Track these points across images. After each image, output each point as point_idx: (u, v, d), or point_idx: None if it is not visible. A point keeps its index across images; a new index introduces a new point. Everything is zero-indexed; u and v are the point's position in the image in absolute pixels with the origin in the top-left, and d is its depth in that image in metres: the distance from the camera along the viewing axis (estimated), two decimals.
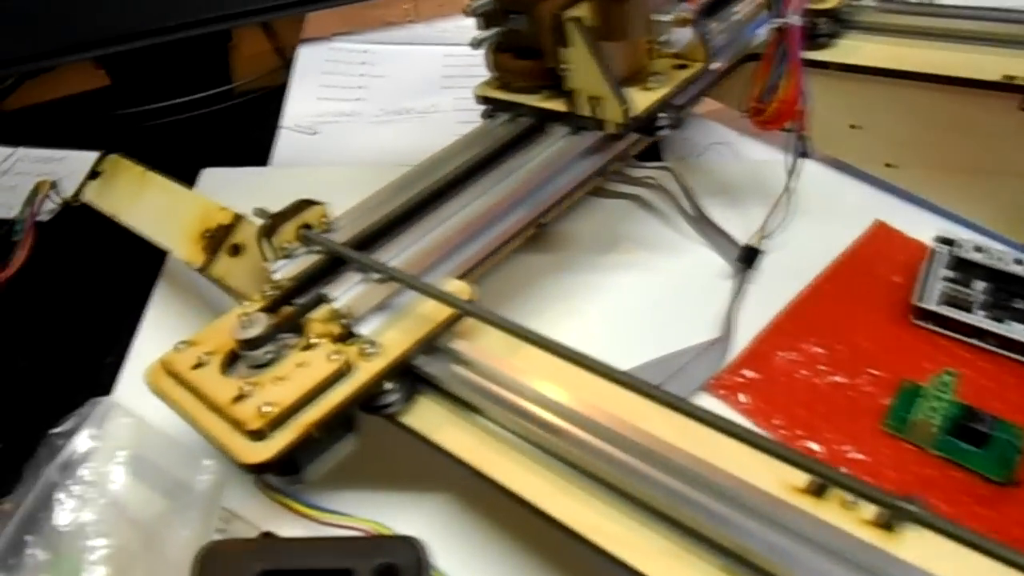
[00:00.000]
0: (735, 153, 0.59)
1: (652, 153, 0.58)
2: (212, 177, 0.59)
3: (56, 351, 0.49)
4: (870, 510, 0.25)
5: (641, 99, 0.40)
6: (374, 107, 0.66)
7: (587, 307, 0.47)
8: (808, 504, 0.26)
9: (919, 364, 0.42)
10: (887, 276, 0.47)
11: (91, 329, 0.50)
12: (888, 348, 0.43)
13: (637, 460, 0.28)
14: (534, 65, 0.42)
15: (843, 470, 0.25)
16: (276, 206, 0.38)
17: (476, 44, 0.42)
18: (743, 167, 0.57)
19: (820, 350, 0.43)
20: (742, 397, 0.41)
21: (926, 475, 0.37)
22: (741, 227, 0.50)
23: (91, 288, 0.53)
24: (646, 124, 0.41)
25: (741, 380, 0.42)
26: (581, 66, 0.38)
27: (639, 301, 0.47)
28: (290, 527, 0.35)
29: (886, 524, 0.25)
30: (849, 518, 0.25)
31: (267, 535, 0.34)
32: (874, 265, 0.48)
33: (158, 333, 0.48)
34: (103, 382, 0.44)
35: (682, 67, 0.42)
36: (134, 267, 0.52)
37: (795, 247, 0.49)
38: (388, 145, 0.62)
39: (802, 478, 0.27)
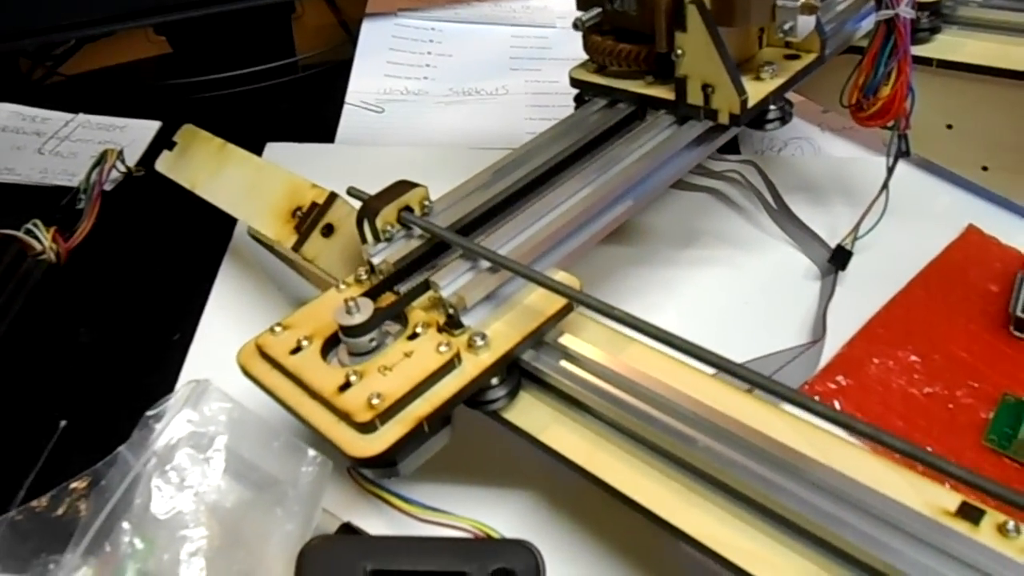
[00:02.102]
0: (816, 149, 0.57)
1: (730, 147, 0.56)
2: (277, 152, 0.58)
3: (121, 326, 0.48)
4: None
5: (755, 89, 0.38)
6: (441, 87, 0.65)
7: (666, 303, 0.46)
8: (963, 528, 0.24)
9: (1020, 377, 0.40)
10: (982, 284, 0.45)
11: (157, 303, 0.49)
12: (987, 359, 0.41)
13: (769, 470, 0.27)
14: (638, 49, 0.40)
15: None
16: (344, 184, 0.37)
17: (580, 25, 0.40)
18: (825, 164, 0.55)
19: (915, 358, 0.42)
20: (836, 405, 0.40)
21: None
22: (825, 226, 0.49)
23: (156, 260, 0.52)
24: (757, 116, 0.39)
25: (835, 387, 0.41)
26: (697, 51, 0.36)
27: (721, 300, 0.46)
28: (372, 518, 0.34)
29: None
30: (1011, 547, 0.24)
31: (347, 526, 0.33)
32: (968, 272, 0.46)
33: (226, 310, 0.47)
34: (171, 359, 0.43)
35: (793, 57, 0.40)
36: (199, 240, 0.51)
37: (884, 249, 0.47)
38: (458, 126, 0.61)
39: (952, 500, 0.25)
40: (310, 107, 0.66)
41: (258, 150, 0.58)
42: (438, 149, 0.58)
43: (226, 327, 0.45)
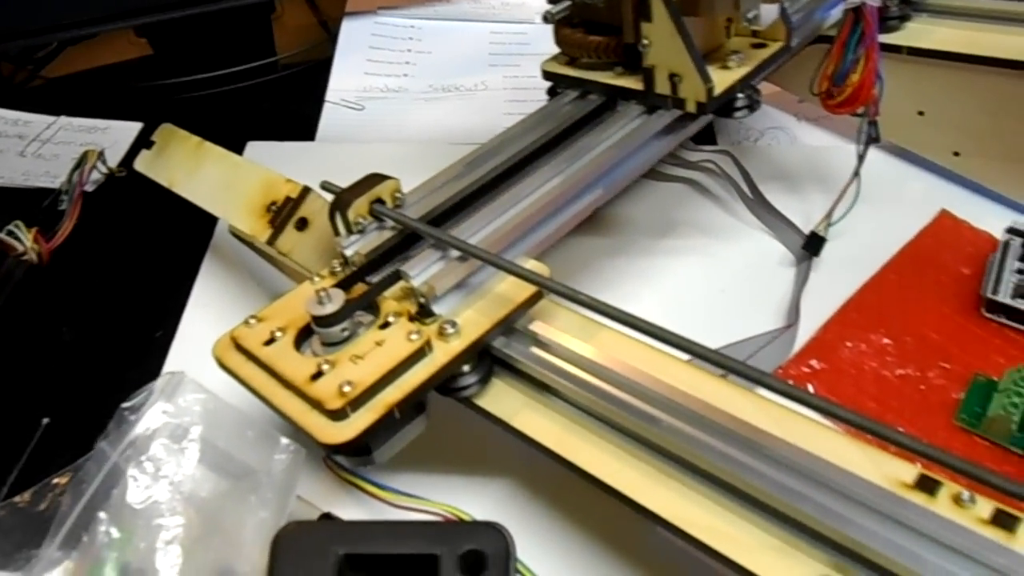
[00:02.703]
0: (792, 138, 0.57)
1: (706, 137, 0.56)
2: (258, 151, 0.58)
3: (103, 324, 0.48)
4: (985, 508, 0.24)
5: (722, 78, 0.38)
6: (421, 83, 0.65)
7: (643, 292, 0.46)
8: (920, 499, 0.25)
9: (991, 358, 0.41)
10: (955, 267, 0.46)
11: (139, 302, 0.49)
12: (958, 341, 0.42)
13: (733, 448, 0.27)
14: (607, 40, 0.40)
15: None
16: (329, 181, 0.37)
17: (549, 18, 0.41)
18: (801, 152, 0.56)
19: (888, 341, 0.42)
20: (810, 388, 0.40)
21: (1004, 472, 0.36)
22: (801, 213, 0.49)
23: (137, 260, 0.53)
24: (724, 104, 0.39)
25: (808, 370, 0.41)
26: (663, 41, 0.37)
27: (697, 287, 0.46)
28: (349, 507, 0.34)
29: (1005, 522, 0.24)
30: (965, 516, 0.24)
31: (327, 516, 0.33)
32: (940, 256, 0.47)
33: (207, 308, 0.47)
34: (153, 356, 0.44)
35: (760, 46, 0.41)
36: (180, 239, 0.51)
37: (857, 235, 0.47)
38: (437, 122, 0.61)
39: (909, 473, 0.26)
40: (291, 106, 0.66)
41: (240, 149, 0.58)
42: (417, 145, 0.59)
43: (207, 324, 0.44)
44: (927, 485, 0.25)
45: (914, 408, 0.39)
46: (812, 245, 0.46)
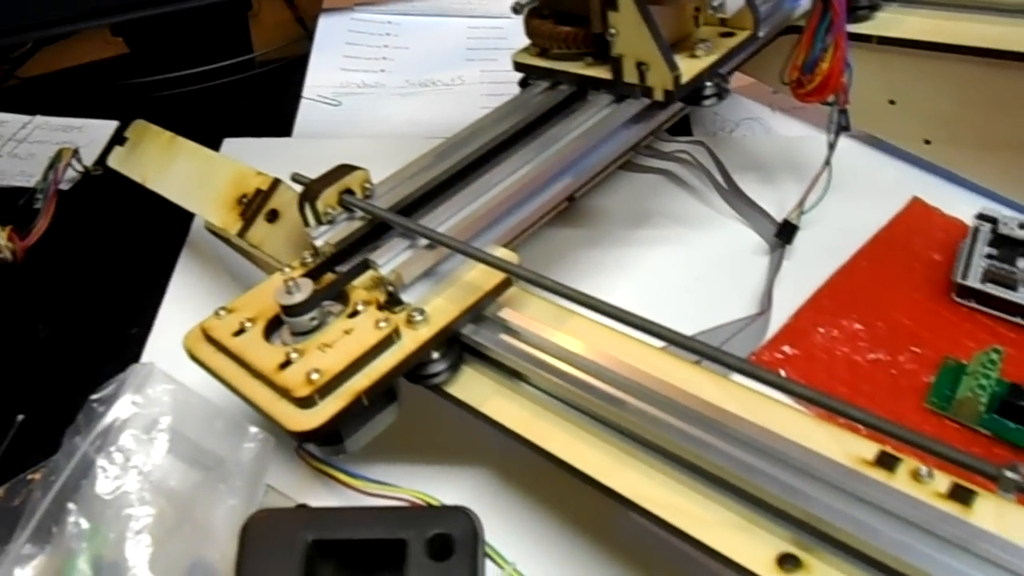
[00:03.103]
0: (767, 129, 0.58)
1: (682, 128, 0.57)
2: (234, 147, 0.58)
3: (79, 321, 0.48)
4: (943, 483, 0.25)
5: (689, 66, 0.39)
6: (398, 79, 0.65)
7: (619, 282, 0.46)
8: (880, 476, 0.25)
9: (961, 342, 0.41)
10: (926, 253, 0.46)
11: (114, 299, 0.49)
12: (929, 326, 0.42)
13: (697, 429, 0.27)
14: (576, 31, 0.41)
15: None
16: (305, 176, 0.37)
17: (517, 9, 0.41)
18: (775, 143, 0.56)
19: (860, 327, 0.43)
20: (782, 373, 0.41)
21: (971, 453, 0.37)
22: (775, 202, 0.50)
23: (113, 258, 0.53)
24: (693, 93, 0.40)
25: (781, 356, 0.42)
26: (629, 30, 0.37)
27: (673, 277, 0.47)
28: (324, 498, 0.34)
29: (961, 496, 0.24)
30: (923, 491, 0.24)
31: (303, 507, 0.33)
32: (912, 242, 0.47)
33: (183, 303, 0.47)
34: (129, 352, 0.44)
35: (728, 35, 0.41)
36: (156, 236, 0.51)
37: (831, 223, 0.48)
38: (413, 117, 0.62)
39: (870, 450, 0.26)
40: (268, 103, 0.66)
41: (217, 146, 0.58)
42: (394, 139, 0.59)
43: (183, 319, 0.44)
44: (887, 462, 0.26)
45: (885, 392, 0.40)
46: (785, 233, 0.47)
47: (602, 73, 0.40)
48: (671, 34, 0.39)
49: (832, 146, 0.46)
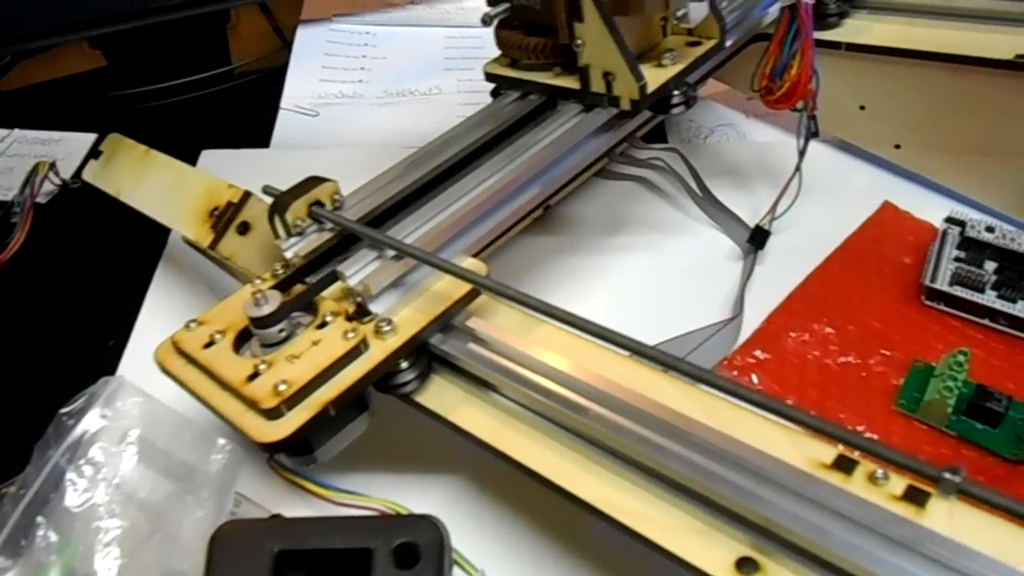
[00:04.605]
0: (741, 135, 0.58)
1: (657, 135, 0.57)
2: (212, 159, 0.59)
3: (56, 334, 0.49)
4: (898, 485, 0.25)
5: (655, 76, 0.39)
6: (376, 89, 0.66)
7: (594, 289, 0.47)
8: (836, 479, 0.25)
9: (930, 344, 0.42)
10: (896, 257, 0.47)
11: (92, 312, 0.49)
12: (899, 328, 0.43)
13: (659, 436, 0.28)
14: (545, 42, 0.41)
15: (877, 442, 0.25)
16: (280, 187, 0.37)
17: (487, 21, 0.41)
18: (749, 149, 0.57)
19: (831, 330, 0.43)
20: (754, 378, 0.41)
21: (940, 454, 0.37)
22: (748, 208, 0.50)
23: (91, 270, 0.53)
24: (660, 101, 0.40)
25: (753, 361, 0.42)
26: (595, 41, 0.37)
27: (647, 283, 0.47)
28: (300, 509, 0.34)
29: (915, 498, 0.24)
30: (878, 493, 0.25)
31: (277, 517, 0.34)
32: (883, 246, 0.47)
33: (160, 315, 0.47)
34: (106, 365, 0.44)
35: (695, 44, 0.42)
36: (134, 249, 0.51)
37: (803, 228, 0.48)
38: (391, 127, 0.62)
39: (828, 454, 0.26)
40: (247, 114, 0.67)
41: (195, 158, 0.59)
42: (371, 149, 0.59)
43: (160, 331, 0.44)
44: (844, 465, 0.26)
45: (855, 395, 0.40)
46: (757, 238, 0.47)
47: (570, 83, 0.41)
48: (637, 44, 0.40)
49: (802, 152, 0.46)
